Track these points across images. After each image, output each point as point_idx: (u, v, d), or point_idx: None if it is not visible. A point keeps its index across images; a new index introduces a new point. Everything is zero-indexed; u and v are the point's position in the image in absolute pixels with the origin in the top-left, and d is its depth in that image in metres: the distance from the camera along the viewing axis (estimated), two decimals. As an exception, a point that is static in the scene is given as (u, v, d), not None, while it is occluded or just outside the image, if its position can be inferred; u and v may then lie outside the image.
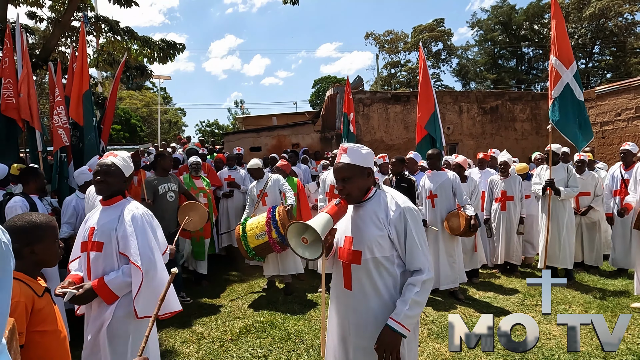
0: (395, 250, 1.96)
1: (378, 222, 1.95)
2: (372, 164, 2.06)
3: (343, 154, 2.01)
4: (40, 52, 8.24)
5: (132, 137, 26.65)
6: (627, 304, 4.65)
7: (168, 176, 5.08)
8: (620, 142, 11.01)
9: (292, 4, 8.78)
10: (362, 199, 2.03)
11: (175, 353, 3.79)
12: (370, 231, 1.96)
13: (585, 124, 5.05)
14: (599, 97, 11.93)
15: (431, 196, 5.08)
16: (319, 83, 45.32)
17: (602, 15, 29.98)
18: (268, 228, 4.79)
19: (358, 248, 1.98)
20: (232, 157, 7.36)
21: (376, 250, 1.94)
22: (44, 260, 1.75)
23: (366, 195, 2.04)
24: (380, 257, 1.95)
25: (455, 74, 40.88)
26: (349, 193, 1.99)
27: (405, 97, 12.14)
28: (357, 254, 1.98)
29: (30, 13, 8.86)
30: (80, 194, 4.25)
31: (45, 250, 1.73)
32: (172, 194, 4.98)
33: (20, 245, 1.64)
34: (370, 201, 2.02)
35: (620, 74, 28.62)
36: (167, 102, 43.09)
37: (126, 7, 8.70)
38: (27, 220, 1.70)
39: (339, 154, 2.04)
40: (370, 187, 2.05)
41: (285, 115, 19.25)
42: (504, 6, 37.70)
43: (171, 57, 9.32)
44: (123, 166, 2.40)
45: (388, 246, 1.94)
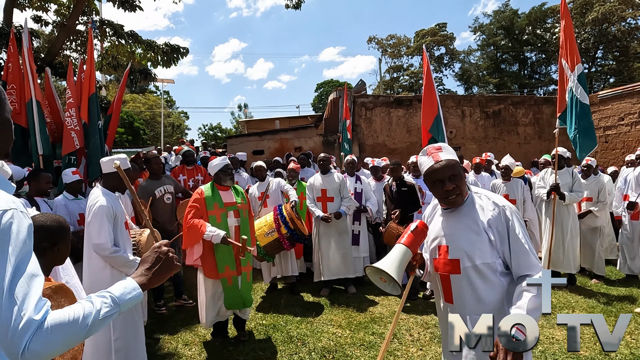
0: (498, 256, 1.76)
1: (475, 226, 1.78)
2: None
3: (439, 152, 1.84)
4: (45, 56, 8.31)
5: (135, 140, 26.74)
6: (631, 308, 4.63)
7: (162, 178, 5.10)
8: (624, 146, 10.98)
9: (294, 8, 8.85)
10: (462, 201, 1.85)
11: (178, 355, 3.79)
12: (467, 236, 1.79)
13: (587, 130, 4.85)
14: (601, 101, 11.91)
15: None
16: (321, 87, 45.46)
17: (605, 20, 29.95)
18: (277, 224, 4.78)
19: (455, 256, 1.81)
20: (235, 160, 7.39)
21: (476, 257, 1.76)
22: (61, 258, 1.84)
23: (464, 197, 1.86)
24: (481, 265, 1.76)
25: (457, 78, 40.91)
26: (461, 191, 1.81)
27: (407, 101, 12.16)
28: (455, 263, 1.81)
29: (35, 17, 8.94)
30: (68, 195, 4.28)
31: (65, 248, 1.83)
32: (169, 196, 5.03)
33: (48, 244, 1.72)
34: (465, 205, 1.85)
35: (623, 78, 28.56)
36: (170, 105, 43.27)
37: (130, 11, 8.77)
38: (55, 219, 1.79)
39: (434, 153, 1.85)
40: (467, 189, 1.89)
41: (287, 119, 19.30)
42: (506, 11, 37.74)
43: (175, 61, 9.39)
44: None
45: (489, 252, 1.76)
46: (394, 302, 5.04)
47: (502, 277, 1.77)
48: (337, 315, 4.67)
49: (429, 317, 4.49)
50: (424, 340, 3.95)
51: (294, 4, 9.19)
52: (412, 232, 1.80)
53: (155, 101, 35.60)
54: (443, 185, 1.80)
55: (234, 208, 3.83)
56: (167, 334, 4.25)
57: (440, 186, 1.81)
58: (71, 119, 5.38)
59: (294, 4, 9.19)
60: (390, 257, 1.75)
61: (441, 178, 1.81)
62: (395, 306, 4.87)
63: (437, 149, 1.86)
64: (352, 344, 3.89)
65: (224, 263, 3.73)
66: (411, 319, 4.49)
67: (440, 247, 1.88)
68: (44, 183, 3.97)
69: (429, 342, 3.89)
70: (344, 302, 5.06)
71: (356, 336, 4.06)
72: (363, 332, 4.16)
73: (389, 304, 4.96)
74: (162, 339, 4.15)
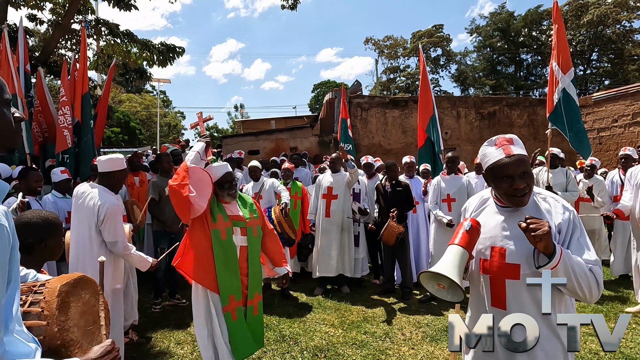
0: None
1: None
2: None
3: (511, 145, 1.70)
4: (40, 55, 8.28)
5: (131, 140, 26.68)
6: (622, 309, 4.67)
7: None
8: (617, 148, 11.05)
9: (290, 9, 8.86)
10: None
11: (170, 354, 3.79)
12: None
13: (584, 133, 5.06)
14: (596, 103, 11.99)
15: (449, 199, 5.13)
16: (318, 87, 45.46)
17: (600, 22, 30.17)
18: None
19: (514, 261, 1.64)
20: (232, 160, 7.39)
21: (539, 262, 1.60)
22: (52, 254, 1.85)
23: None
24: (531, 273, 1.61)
25: (454, 79, 41.07)
26: (530, 191, 1.68)
27: (403, 102, 12.19)
28: (514, 268, 1.64)
29: (30, 15, 8.91)
30: (57, 193, 4.35)
31: (56, 245, 1.84)
32: None
33: (34, 240, 1.74)
34: (528, 206, 1.69)
35: (618, 80, 28.75)
36: (166, 105, 43.17)
37: (126, 10, 8.76)
38: (41, 216, 1.80)
39: (506, 145, 1.71)
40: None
41: (284, 119, 19.29)
42: (502, 13, 37.94)
43: (171, 61, 9.39)
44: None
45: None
46: (387, 302, 5.06)
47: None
48: (330, 314, 4.68)
49: (422, 317, 4.51)
50: (416, 339, 3.96)
51: (290, 5, 9.22)
52: (467, 232, 1.66)
53: (152, 101, 35.51)
54: (512, 182, 1.64)
55: (240, 224, 2.94)
56: (159, 333, 4.24)
57: (508, 182, 1.65)
58: (64, 117, 5.37)
59: (290, 5, 9.22)
60: (447, 259, 1.62)
61: (511, 174, 1.65)
62: (388, 306, 4.89)
63: (508, 141, 1.71)
64: (344, 343, 3.90)
65: (228, 291, 2.84)
66: (403, 318, 4.51)
67: (493, 248, 1.71)
68: (33, 182, 3.96)
69: (420, 342, 3.90)
70: (337, 302, 5.07)
71: (349, 335, 4.07)
72: (355, 331, 4.17)
73: (383, 304, 4.98)
74: (154, 338, 4.15)
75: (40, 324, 1.39)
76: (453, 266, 1.58)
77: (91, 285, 1.71)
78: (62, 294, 1.50)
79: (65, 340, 1.43)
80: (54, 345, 1.40)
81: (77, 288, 1.63)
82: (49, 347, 1.35)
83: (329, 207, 5.42)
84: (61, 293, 1.50)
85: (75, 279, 1.64)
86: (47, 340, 1.38)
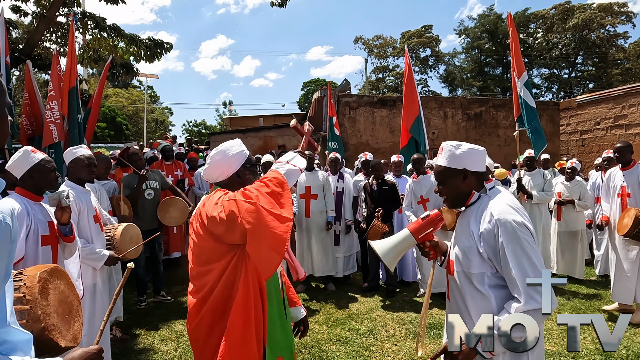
0: (489, 267, 1.68)
1: (469, 233, 1.74)
2: (475, 165, 1.80)
3: (439, 154, 1.86)
4: (24, 47, 8.14)
5: (117, 136, 26.33)
6: (599, 306, 4.80)
7: (147, 173, 5.06)
8: (600, 150, 11.29)
9: (279, 6, 8.84)
10: (465, 204, 1.83)
11: (154, 351, 3.79)
12: (462, 242, 1.77)
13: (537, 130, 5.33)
14: (579, 106, 12.22)
15: (422, 201, 5.17)
16: (308, 85, 45.41)
17: (585, 26, 30.71)
18: None
19: (452, 257, 1.83)
20: None
21: (464, 263, 1.74)
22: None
23: (468, 200, 1.82)
24: (469, 273, 1.72)
25: (442, 80, 41.39)
26: (446, 197, 1.85)
27: (391, 102, 12.28)
28: (451, 265, 1.83)
29: (14, 7, 8.73)
30: None
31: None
32: (151, 192, 4.95)
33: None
34: (471, 207, 1.80)
35: (602, 84, 29.31)
36: (154, 101, 42.69)
37: (112, 4, 8.64)
38: None
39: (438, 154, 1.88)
40: (471, 192, 1.80)
41: (272, 116, 19.24)
42: (490, 15, 38.35)
43: (158, 56, 9.28)
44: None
45: (477, 262, 1.69)
46: (372, 299, 5.12)
47: (492, 289, 1.67)
48: (314, 311, 4.71)
49: (405, 314, 4.58)
50: (399, 336, 4.02)
51: (279, 2, 9.19)
52: (421, 219, 1.83)
53: (139, 96, 35.08)
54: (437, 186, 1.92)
55: None
56: (144, 330, 4.23)
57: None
58: (51, 112, 5.30)
59: (279, 2, 9.19)
60: (389, 240, 1.82)
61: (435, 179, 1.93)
62: (373, 304, 4.95)
63: (440, 150, 1.87)
64: (328, 340, 3.94)
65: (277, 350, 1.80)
66: (387, 315, 4.56)
67: (451, 245, 1.90)
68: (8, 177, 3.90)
69: (404, 338, 3.96)
70: (323, 299, 5.11)
71: (333, 332, 4.11)
72: (340, 328, 4.21)
73: (367, 301, 5.03)
74: (139, 334, 4.14)
75: (24, 308, 1.45)
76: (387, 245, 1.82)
77: (65, 276, 1.75)
78: (42, 280, 1.56)
79: (48, 323, 1.48)
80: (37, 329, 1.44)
81: (54, 276, 1.68)
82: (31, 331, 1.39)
83: (308, 207, 5.42)
84: (41, 279, 1.56)
85: (52, 268, 1.69)
86: (29, 325, 1.42)
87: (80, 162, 3.09)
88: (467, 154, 1.78)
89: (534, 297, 1.51)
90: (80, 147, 3.22)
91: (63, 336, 1.54)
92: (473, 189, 1.80)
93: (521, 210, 1.70)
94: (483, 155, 1.82)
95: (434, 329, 4.14)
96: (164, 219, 4.79)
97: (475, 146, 1.81)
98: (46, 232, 2.42)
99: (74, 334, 1.64)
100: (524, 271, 1.56)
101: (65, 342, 1.53)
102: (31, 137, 6.03)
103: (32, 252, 2.33)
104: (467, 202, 1.81)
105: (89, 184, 3.29)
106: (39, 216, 2.42)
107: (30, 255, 2.30)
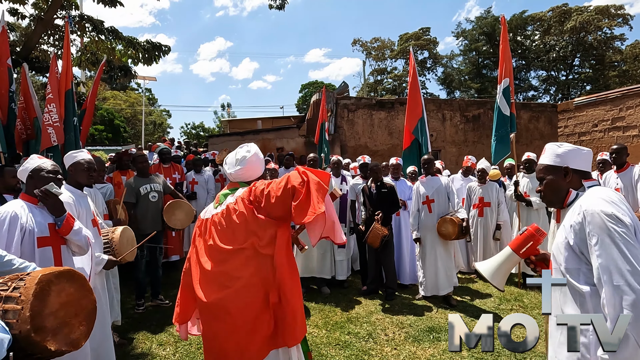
0: (584, 263, 1.59)
1: (562, 228, 1.71)
2: (578, 163, 1.77)
3: (542, 154, 1.86)
4: (21, 50, 8.12)
5: (115, 138, 26.28)
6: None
7: (150, 176, 5.05)
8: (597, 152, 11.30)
9: (278, 9, 8.86)
10: (563, 203, 1.79)
11: (152, 355, 3.76)
12: (558, 237, 1.72)
13: (503, 138, 5.58)
14: (577, 108, 12.26)
15: (428, 201, 5.18)
16: (306, 88, 45.43)
17: (582, 29, 30.83)
18: None
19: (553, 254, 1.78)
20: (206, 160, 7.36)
21: (559, 259, 1.68)
22: None
23: (566, 200, 1.78)
24: (564, 269, 1.65)
25: (440, 82, 41.47)
26: (543, 194, 1.85)
27: (389, 104, 12.28)
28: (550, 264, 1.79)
29: (11, 10, 8.71)
30: None
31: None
32: (155, 194, 4.93)
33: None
34: (570, 206, 1.74)
35: (599, 86, 29.41)
36: (152, 103, 42.65)
37: (110, 6, 8.62)
38: None
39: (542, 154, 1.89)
40: (569, 190, 1.77)
41: (270, 119, 19.26)
42: (488, 17, 38.45)
43: (156, 59, 9.27)
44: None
45: (571, 256, 1.63)
46: (371, 302, 5.10)
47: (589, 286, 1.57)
48: (313, 315, 4.69)
49: (404, 317, 4.56)
50: (399, 339, 4.01)
51: (278, 5, 9.21)
52: (520, 235, 1.84)
53: (137, 99, 35.05)
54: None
55: None
56: (141, 334, 4.20)
57: None
58: (49, 115, 5.27)
59: (278, 5, 9.21)
60: (492, 260, 1.82)
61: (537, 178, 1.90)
62: (372, 307, 4.93)
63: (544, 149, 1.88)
64: (327, 344, 3.92)
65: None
66: (387, 318, 4.55)
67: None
68: (9, 178, 3.86)
69: (403, 342, 3.95)
70: (322, 302, 5.09)
71: (332, 336, 4.09)
72: (339, 331, 4.19)
73: (366, 305, 5.02)
74: (136, 339, 4.11)
75: (16, 308, 1.48)
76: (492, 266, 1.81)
77: (78, 280, 1.76)
78: (42, 283, 1.58)
79: (36, 325, 1.49)
80: (25, 330, 1.46)
81: (61, 279, 1.68)
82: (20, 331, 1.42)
83: None
84: (41, 281, 1.58)
85: (60, 271, 1.70)
86: (18, 324, 1.45)
87: (80, 167, 3.08)
88: (569, 152, 1.78)
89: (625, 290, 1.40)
90: (81, 151, 3.21)
91: (56, 340, 1.54)
92: (572, 187, 1.76)
93: (617, 204, 1.58)
94: (587, 155, 1.79)
95: (433, 332, 4.12)
96: (170, 221, 4.78)
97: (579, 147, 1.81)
98: (45, 233, 2.41)
99: (75, 339, 1.63)
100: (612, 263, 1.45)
101: (56, 346, 1.53)
102: (26, 141, 6.00)
103: (28, 254, 2.32)
104: (566, 201, 1.78)
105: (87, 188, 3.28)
106: (37, 218, 2.41)
107: (26, 257, 2.29)
